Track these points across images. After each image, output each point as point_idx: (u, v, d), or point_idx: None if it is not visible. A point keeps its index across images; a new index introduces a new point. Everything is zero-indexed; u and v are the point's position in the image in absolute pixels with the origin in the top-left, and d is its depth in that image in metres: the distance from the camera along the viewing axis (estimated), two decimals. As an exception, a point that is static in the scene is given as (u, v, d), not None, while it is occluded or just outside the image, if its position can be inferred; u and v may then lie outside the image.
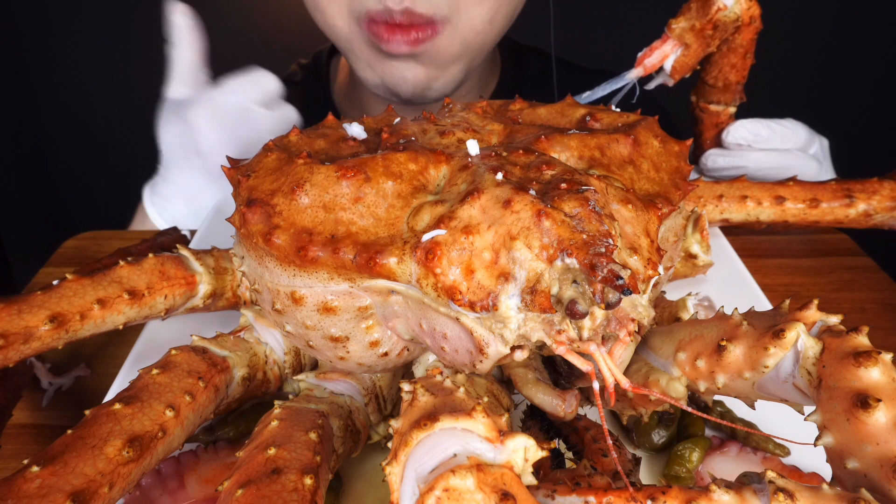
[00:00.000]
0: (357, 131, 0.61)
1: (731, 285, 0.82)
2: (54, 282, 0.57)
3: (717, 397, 0.66)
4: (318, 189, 0.52)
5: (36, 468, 0.43)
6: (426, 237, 0.48)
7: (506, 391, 0.57)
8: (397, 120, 0.65)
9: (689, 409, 0.48)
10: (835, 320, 0.47)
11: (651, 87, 0.94)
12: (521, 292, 0.46)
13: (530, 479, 0.38)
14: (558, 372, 0.57)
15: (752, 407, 0.52)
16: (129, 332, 0.76)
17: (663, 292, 0.69)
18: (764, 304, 0.78)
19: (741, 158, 0.99)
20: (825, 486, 0.38)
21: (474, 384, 0.54)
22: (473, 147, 0.56)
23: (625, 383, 0.47)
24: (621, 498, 0.40)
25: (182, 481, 0.59)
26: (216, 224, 0.96)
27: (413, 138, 0.60)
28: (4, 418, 0.65)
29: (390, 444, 0.41)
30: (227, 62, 1.08)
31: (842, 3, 2.21)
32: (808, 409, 0.45)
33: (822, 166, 1.02)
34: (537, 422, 0.59)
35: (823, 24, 2.25)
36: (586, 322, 0.47)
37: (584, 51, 1.44)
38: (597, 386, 0.48)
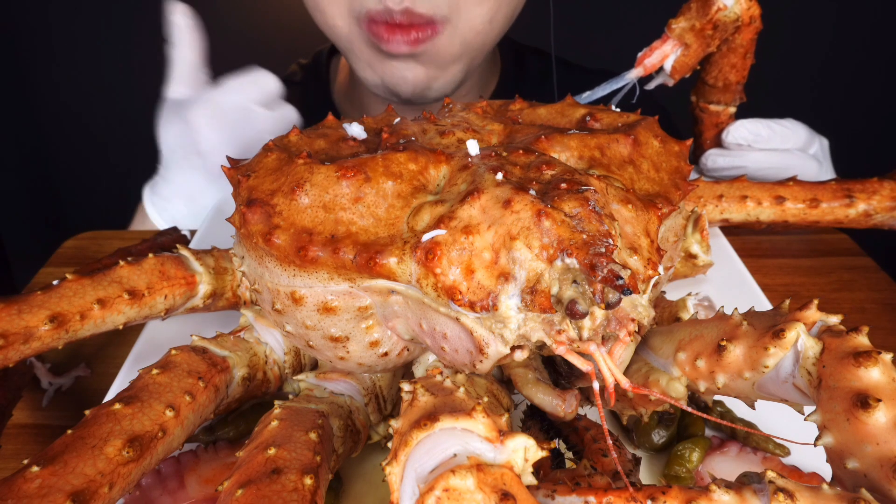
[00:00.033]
0: (357, 131, 0.61)
1: (731, 285, 0.82)
2: (54, 282, 0.57)
3: (717, 397, 0.66)
4: (318, 189, 0.52)
5: (36, 468, 0.43)
6: (426, 237, 0.48)
7: (506, 391, 0.57)
8: (397, 120, 0.65)
9: (689, 409, 0.48)
10: (835, 320, 0.47)
11: (651, 87, 0.94)
12: (521, 292, 0.46)
13: (530, 479, 0.38)
14: (558, 372, 0.57)
15: (752, 407, 0.52)
16: (129, 332, 0.77)
17: (663, 292, 0.69)
18: (764, 304, 0.78)
19: (741, 158, 0.99)
20: (825, 486, 0.38)
21: (474, 384, 0.54)
22: (473, 147, 0.56)
23: (625, 383, 0.47)
24: (621, 498, 0.40)
25: (182, 481, 0.59)
26: (216, 224, 0.96)
27: (413, 138, 0.60)
28: (4, 418, 0.65)
29: (390, 444, 0.41)
30: (227, 62, 1.08)
31: (842, 3, 2.21)
32: (808, 409, 0.45)
33: (822, 166, 1.02)
34: (537, 422, 0.59)
35: (824, 24, 2.25)
36: (586, 322, 0.47)
37: (584, 51, 1.44)
38: (597, 386, 0.48)
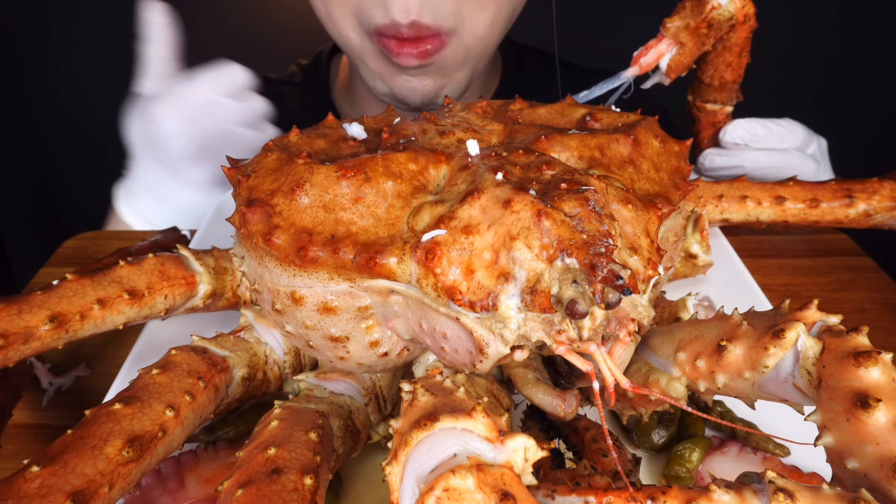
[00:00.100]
0: (357, 131, 0.61)
1: (731, 285, 0.82)
2: (54, 282, 0.57)
3: (717, 397, 0.66)
4: (318, 189, 0.52)
5: (36, 468, 0.43)
6: (426, 237, 0.48)
7: (506, 391, 0.57)
8: (397, 120, 0.65)
9: (689, 409, 0.48)
10: (835, 320, 0.47)
11: (647, 86, 0.94)
12: (521, 292, 0.46)
13: (530, 479, 0.38)
14: (558, 372, 0.57)
15: (752, 407, 0.52)
16: (129, 332, 0.77)
17: (663, 292, 0.69)
18: (764, 304, 0.78)
19: (739, 158, 0.99)
20: (825, 486, 0.38)
21: (474, 384, 0.54)
22: (473, 147, 0.56)
23: (625, 383, 0.47)
24: (621, 498, 0.40)
25: (182, 481, 0.59)
26: (216, 224, 0.96)
27: (413, 138, 0.60)
28: (4, 418, 0.65)
29: (390, 444, 0.41)
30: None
31: (842, 3, 2.21)
32: (808, 409, 0.45)
33: (820, 166, 1.02)
34: (537, 422, 0.59)
35: (823, 24, 2.25)
36: (586, 322, 0.47)
37: (584, 51, 1.44)
38: (597, 386, 0.48)
